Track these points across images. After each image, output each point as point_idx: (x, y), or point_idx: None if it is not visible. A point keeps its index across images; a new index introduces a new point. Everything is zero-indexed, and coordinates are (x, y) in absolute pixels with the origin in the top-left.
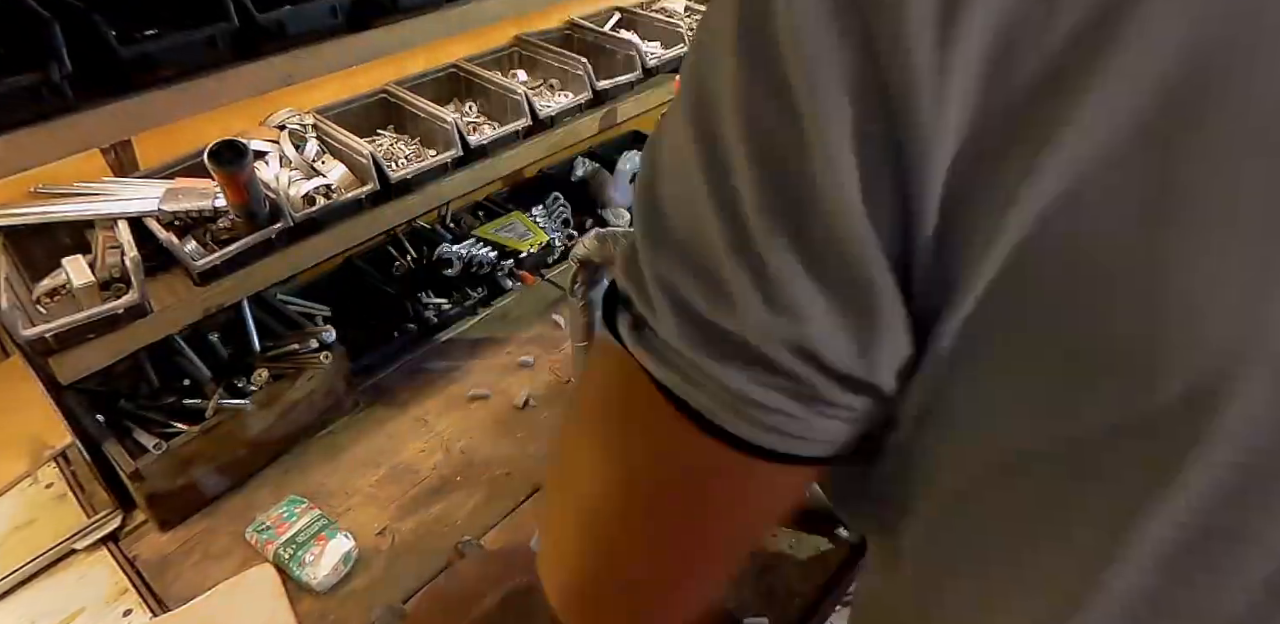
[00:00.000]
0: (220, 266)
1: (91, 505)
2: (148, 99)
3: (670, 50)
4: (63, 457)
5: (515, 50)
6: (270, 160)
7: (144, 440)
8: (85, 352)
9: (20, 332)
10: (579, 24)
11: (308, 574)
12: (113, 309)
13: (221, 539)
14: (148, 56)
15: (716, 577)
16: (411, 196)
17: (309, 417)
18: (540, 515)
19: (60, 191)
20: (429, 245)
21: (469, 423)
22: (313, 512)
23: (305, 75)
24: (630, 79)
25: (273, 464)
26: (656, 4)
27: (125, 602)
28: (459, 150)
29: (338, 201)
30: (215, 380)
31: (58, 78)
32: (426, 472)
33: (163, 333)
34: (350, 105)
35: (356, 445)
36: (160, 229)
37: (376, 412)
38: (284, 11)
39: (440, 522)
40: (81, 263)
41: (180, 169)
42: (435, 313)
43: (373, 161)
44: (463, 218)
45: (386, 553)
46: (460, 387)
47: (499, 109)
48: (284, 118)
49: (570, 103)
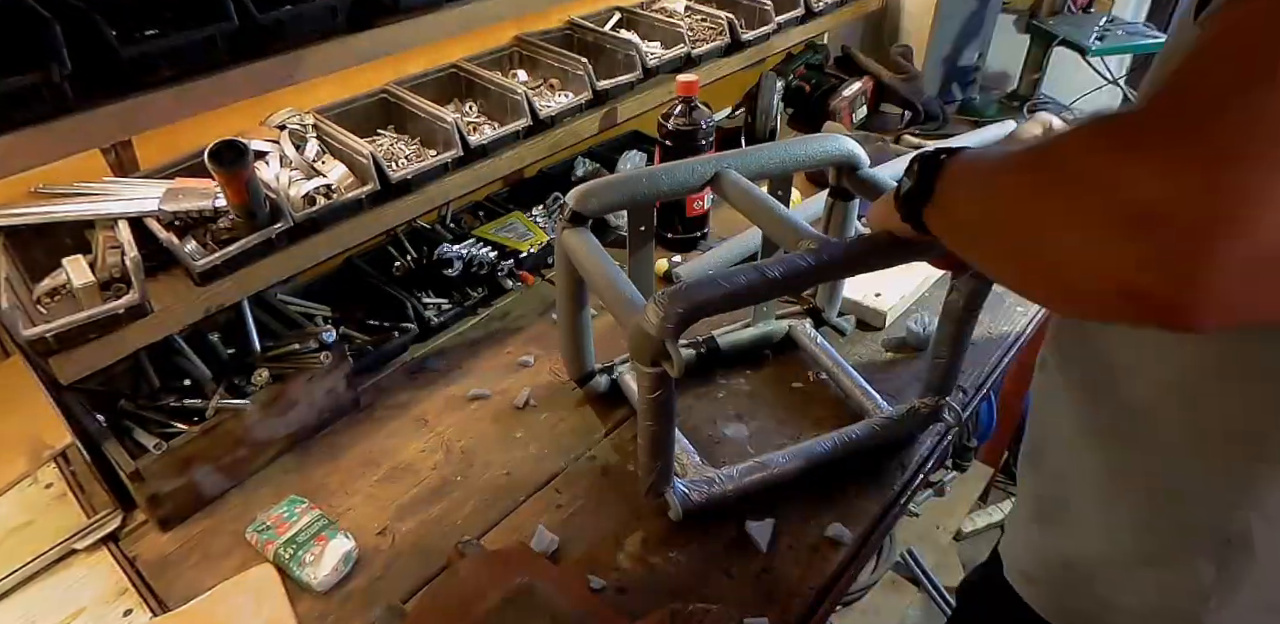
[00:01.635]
0: (220, 266)
1: (91, 505)
2: (148, 99)
3: (670, 50)
4: (63, 457)
5: (515, 50)
6: (270, 160)
7: (144, 440)
8: (85, 352)
9: (20, 331)
10: (579, 24)
11: (308, 574)
12: (113, 309)
13: (221, 539)
14: (148, 56)
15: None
16: (411, 196)
17: (309, 417)
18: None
19: (60, 191)
20: (429, 245)
21: (469, 423)
22: (313, 512)
23: (305, 75)
24: (630, 79)
25: (273, 464)
26: (656, 4)
27: (125, 602)
28: (459, 150)
29: (338, 201)
30: (215, 380)
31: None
32: (426, 472)
33: (163, 333)
34: (350, 105)
35: (356, 445)
36: (160, 229)
37: (376, 412)
38: (284, 11)
39: (440, 522)
40: (82, 263)
41: (180, 169)
42: (435, 313)
43: (373, 161)
44: (463, 218)
45: (386, 553)
46: (460, 387)
47: (499, 109)
48: (284, 118)
49: (570, 103)
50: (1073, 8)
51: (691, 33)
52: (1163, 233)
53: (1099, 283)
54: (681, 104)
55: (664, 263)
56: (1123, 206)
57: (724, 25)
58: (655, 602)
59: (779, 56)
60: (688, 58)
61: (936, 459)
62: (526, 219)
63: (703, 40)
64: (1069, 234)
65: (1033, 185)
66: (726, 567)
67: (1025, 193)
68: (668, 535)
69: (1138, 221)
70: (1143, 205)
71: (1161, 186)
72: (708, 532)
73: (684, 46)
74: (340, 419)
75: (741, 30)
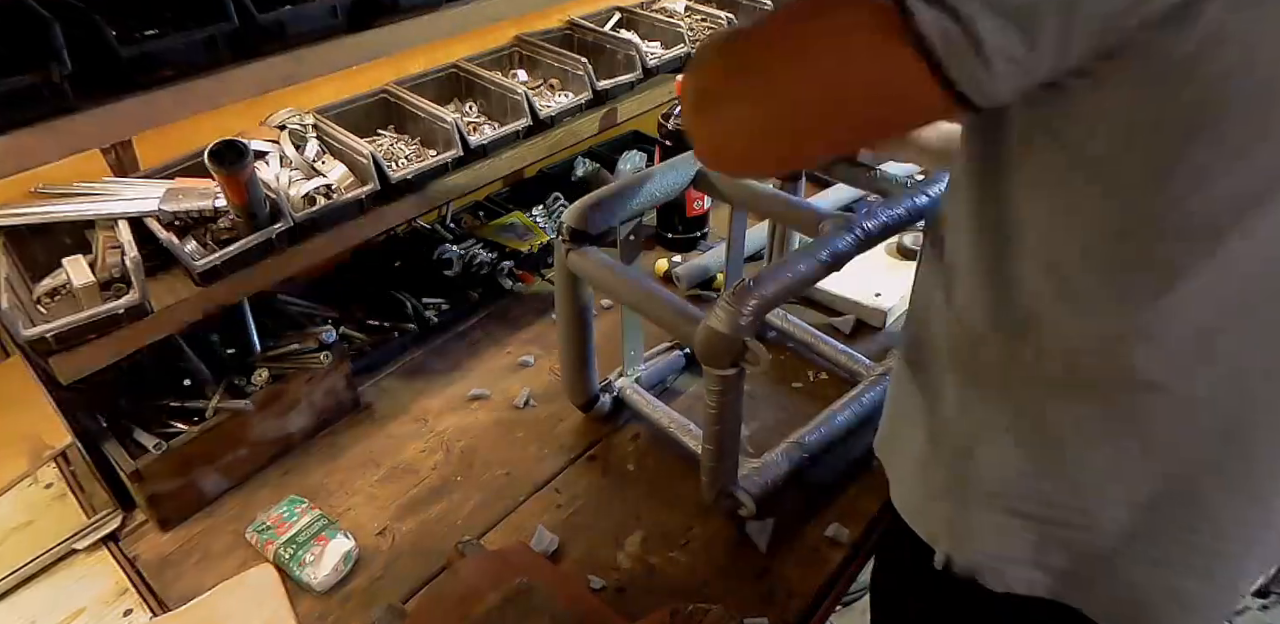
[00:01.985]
0: (220, 267)
1: (91, 505)
2: (148, 99)
3: (670, 50)
4: (63, 457)
5: (515, 50)
6: (270, 160)
7: (144, 440)
8: (85, 352)
9: (20, 331)
10: (579, 24)
11: (308, 574)
12: (113, 309)
13: (221, 539)
14: (148, 56)
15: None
16: (411, 196)
17: (309, 417)
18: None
19: (60, 191)
20: (429, 245)
21: (469, 423)
22: (313, 512)
23: (305, 75)
24: (630, 79)
25: (273, 464)
26: (656, 4)
27: (125, 602)
28: (459, 150)
29: (338, 201)
30: (215, 380)
31: (58, 78)
32: (426, 472)
33: (163, 333)
34: (350, 105)
35: (356, 445)
36: (160, 229)
37: (376, 412)
38: (284, 11)
39: (440, 522)
40: (82, 263)
41: (180, 169)
42: (435, 313)
43: (373, 161)
44: (463, 218)
45: (386, 553)
46: (460, 387)
47: (499, 109)
48: (284, 118)
49: (570, 103)
50: None
51: (691, 33)
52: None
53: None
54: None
55: (664, 263)
56: (695, 97)
57: (724, 25)
58: (655, 602)
59: None
60: (688, 58)
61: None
62: (526, 219)
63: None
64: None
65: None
66: (726, 567)
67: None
68: (668, 535)
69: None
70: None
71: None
72: (708, 531)
73: (684, 46)
74: (340, 419)
75: None
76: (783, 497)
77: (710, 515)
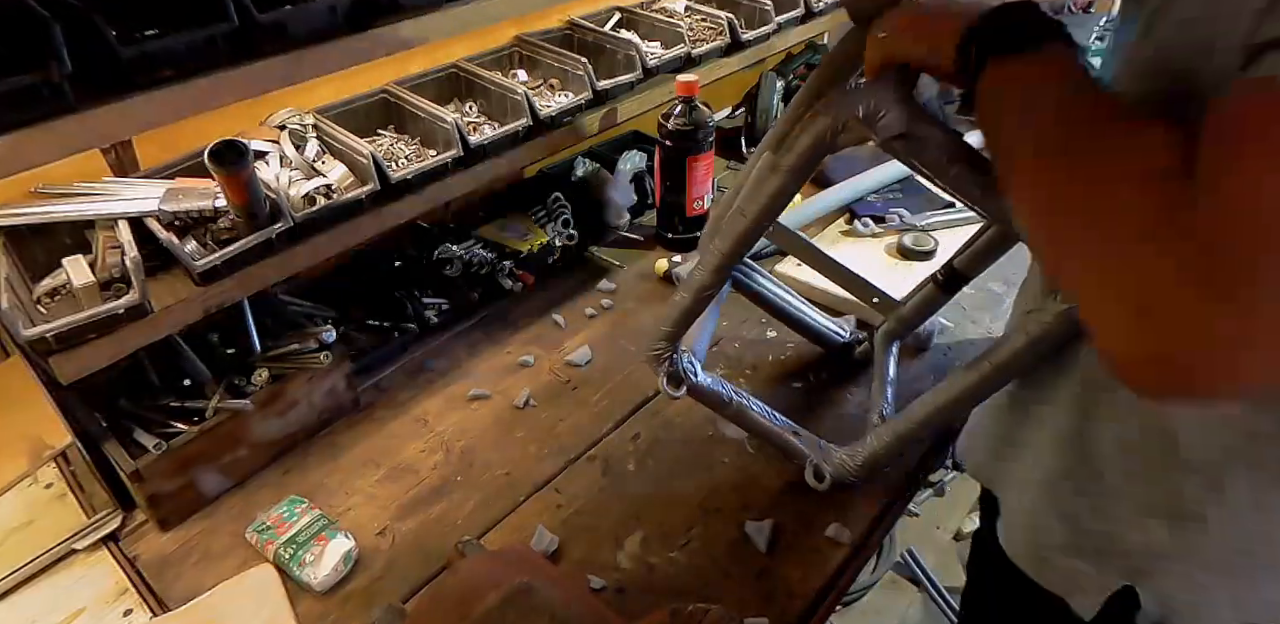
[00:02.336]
0: (220, 267)
1: (91, 505)
2: (148, 99)
3: (670, 50)
4: (63, 457)
5: (515, 50)
6: (270, 160)
7: (144, 440)
8: (85, 352)
9: (20, 331)
10: (579, 24)
11: (308, 574)
12: (113, 309)
13: (221, 539)
14: (148, 56)
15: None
16: (411, 196)
17: (309, 417)
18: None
19: (60, 191)
20: (429, 245)
21: (469, 423)
22: (313, 512)
23: (305, 75)
24: (630, 79)
25: (273, 464)
26: (656, 4)
27: (125, 602)
28: (459, 150)
29: (338, 201)
30: (215, 380)
31: (58, 78)
32: (426, 472)
33: (163, 333)
34: (350, 105)
35: (356, 445)
36: (160, 229)
37: (376, 412)
38: (284, 11)
39: (440, 522)
40: (82, 263)
41: (180, 169)
42: (435, 313)
43: (373, 161)
44: (463, 218)
45: (386, 553)
46: (460, 387)
47: (499, 109)
48: (284, 118)
49: (570, 103)
50: (1073, 8)
51: (691, 33)
52: (1163, 339)
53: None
54: (681, 104)
55: (664, 263)
56: (1144, 290)
57: (724, 25)
58: (655, 602)
59: (779, 56)
60: (688, 58)
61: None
62: (526, 219)
63: (703, 40)
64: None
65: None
66: (726, 567)
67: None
68: (668, 535)
69: (1147, 312)
70: (1162, 303)
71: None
72: (708, 531)
73: (684, 46)
74: (340, 419)
75: (741, 30)
76: (776, 498)
77: (710, 515)
